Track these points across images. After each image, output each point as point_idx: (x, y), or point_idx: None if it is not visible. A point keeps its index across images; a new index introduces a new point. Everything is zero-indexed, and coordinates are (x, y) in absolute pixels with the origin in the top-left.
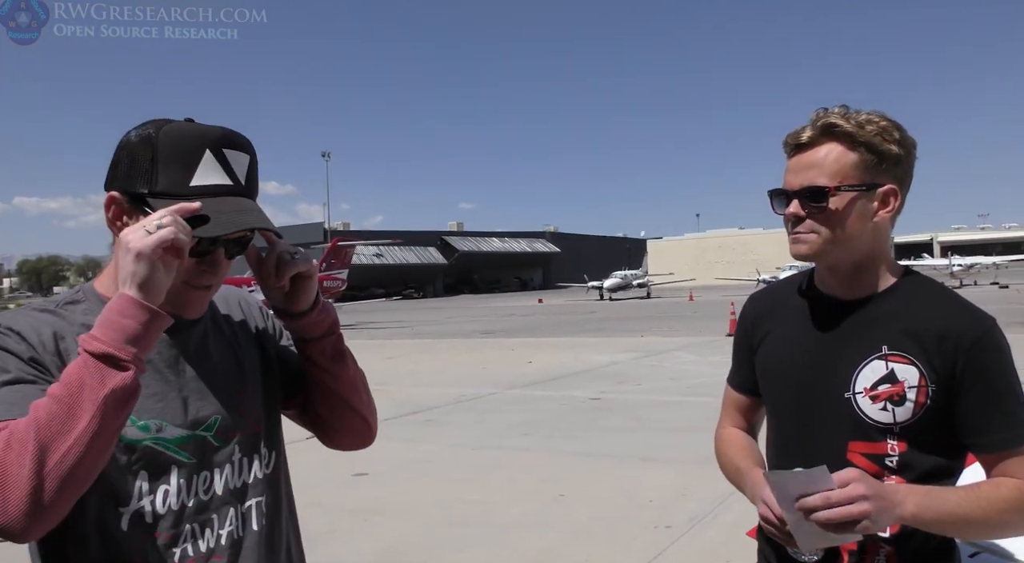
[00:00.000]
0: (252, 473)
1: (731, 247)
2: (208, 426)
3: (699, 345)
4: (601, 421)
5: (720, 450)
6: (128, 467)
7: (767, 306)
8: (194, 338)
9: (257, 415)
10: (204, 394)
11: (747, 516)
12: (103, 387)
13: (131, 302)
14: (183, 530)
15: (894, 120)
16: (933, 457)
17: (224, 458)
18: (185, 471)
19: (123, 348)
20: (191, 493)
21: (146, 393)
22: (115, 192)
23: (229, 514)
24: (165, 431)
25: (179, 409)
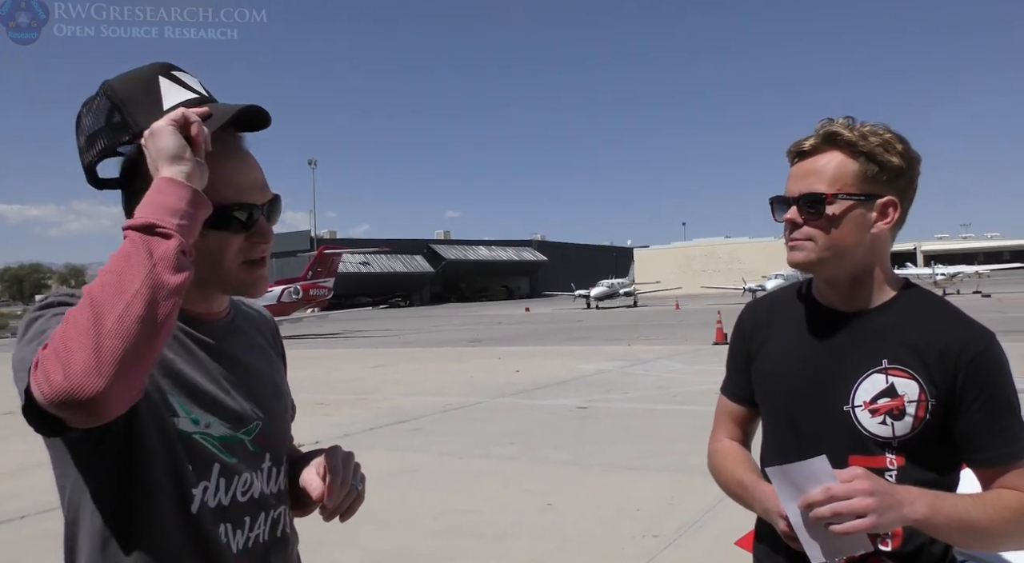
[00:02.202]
0: (278, 483)
1: (717, 256)
2: (248, 430)
3: (686, 354)
4: (588, 430)
5: (718, 463)
6: (178, 457)
7: (765, 315)
8: (239, 346)
9: (286, 430)
10: (248, 401)
11: (735, 525)
12: (151, 255)
13: (167, 181)
14: (219, 528)
15: (898, 133)
16: (931, 472)
17: (258, 464)
18: (226, 470)
19: (165, 219)
20: (229, 492)
21: (198, 389)
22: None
23: (260, 518)
24: (212, 428)
25: (226, 409)
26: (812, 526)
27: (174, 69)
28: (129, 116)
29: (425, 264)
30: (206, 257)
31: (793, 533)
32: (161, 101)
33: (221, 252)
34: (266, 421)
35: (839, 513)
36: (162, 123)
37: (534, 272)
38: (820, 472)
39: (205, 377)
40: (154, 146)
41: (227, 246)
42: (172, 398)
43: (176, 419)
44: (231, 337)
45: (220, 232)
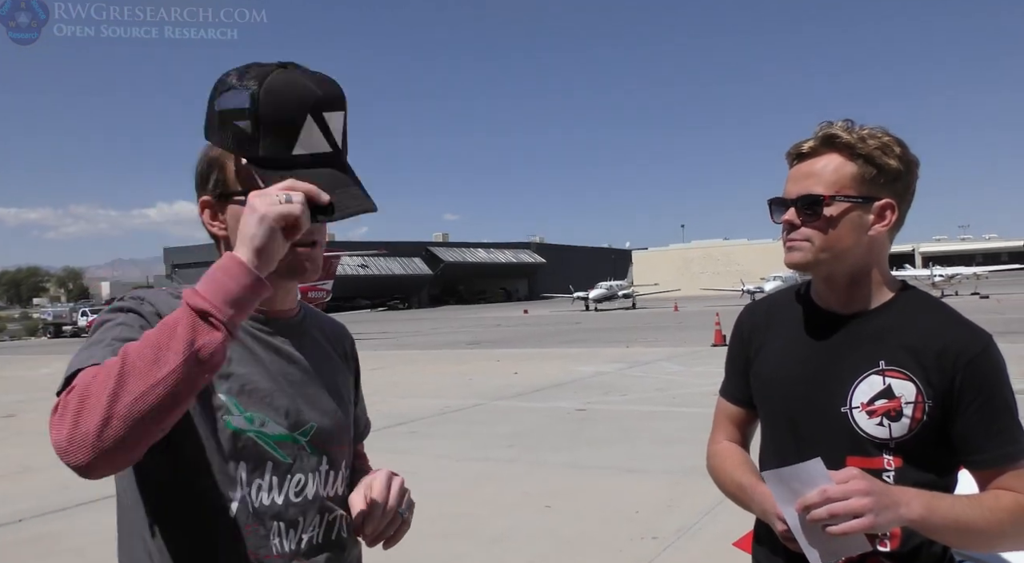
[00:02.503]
0: (335, 487)
1: (716, 258)
2: (304, 432)
3: (684, 356)
4: (587, 432)
5: (717, 465)
6: (231, 455)
7: (764, 317)
8: (304, 348)
9: (347, 435)
10: (306, 401)
11: (733, 527)
12: (193, 342)
13: (240, 265)
14: (271, 526)
15: (897, 136)
16: (928, 473)
17: (314, 466)
18: (280, 470)
19: (221, 308)
20: (282, 492)
21: (254, 387)
22: (207, 196)
23: (315, 520)
24: (267, 427)
25: (282, 409)
26: (809, 528)
27: (327, 108)
28: (258, 139)
29: (423, 266)
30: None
31: (791, 535)
32: (295, 141)
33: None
34: (323, 424)
35: (836, 514)
36: (274, 210)
37: (532, 274)
38: (816, 474)
39: (263, 375)
40: (252, 218)
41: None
42: (227, 396)
43: (230, 417)
44: (296, 338)
45: None
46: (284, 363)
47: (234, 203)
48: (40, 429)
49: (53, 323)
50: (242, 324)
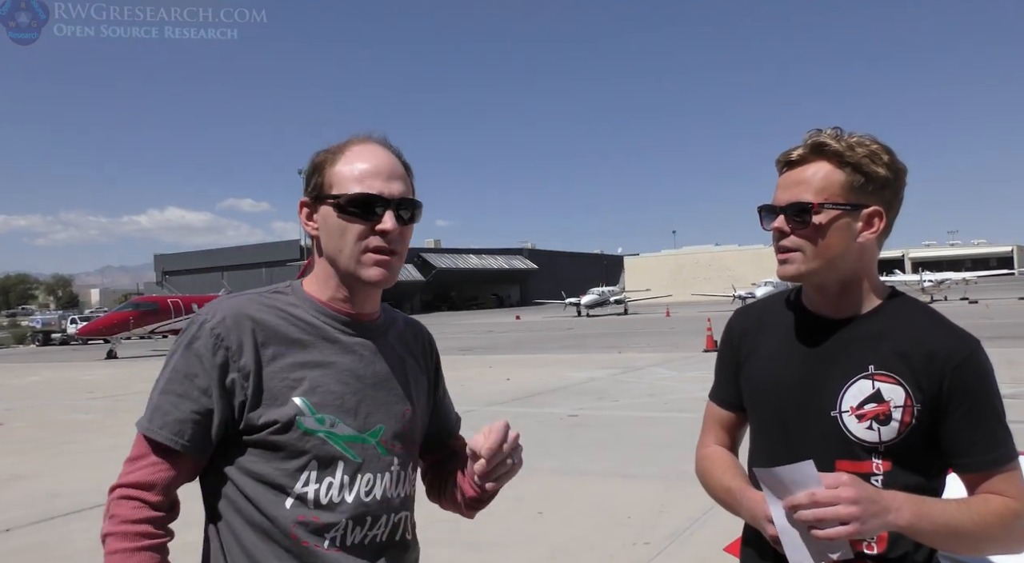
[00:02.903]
0: (405, 488)
1: (707, 263)
2: (374, 433)
3: (676, 361)
4: (579, 438)
5: (705, 469)
6: (302, 453)
7: (754, 322)
8: (380, 350)
9: (417, 436)
10: (378, 403)
11: (725, 532)
12: None
13: None
14: (339, 522)
15: (885, 144)
16: (917, 477)
17: (384, 466)
18: (351, 469)
19: None
20: (352, 490)
21: (327, 389)
22: (305, 197)
23: (382, 519)
24: (337, 427)
25: (353, 410)
26: (794, 529)
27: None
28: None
29: (416, 273)
30: (335, 243)
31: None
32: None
33: (345, 239)
34: (393, 425)
35: (822, 519)
36: None
37: (524, 280)
38: (807, 476)
39: (337, 378)
40: None
41: (346, 233)
42: (301, 398)
43: (302, 418)
44: (375, 340)
45: (341, 220)
46: (360, 365)
47: (326, 205)
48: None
49: (42, 331)
50: (325, 325)
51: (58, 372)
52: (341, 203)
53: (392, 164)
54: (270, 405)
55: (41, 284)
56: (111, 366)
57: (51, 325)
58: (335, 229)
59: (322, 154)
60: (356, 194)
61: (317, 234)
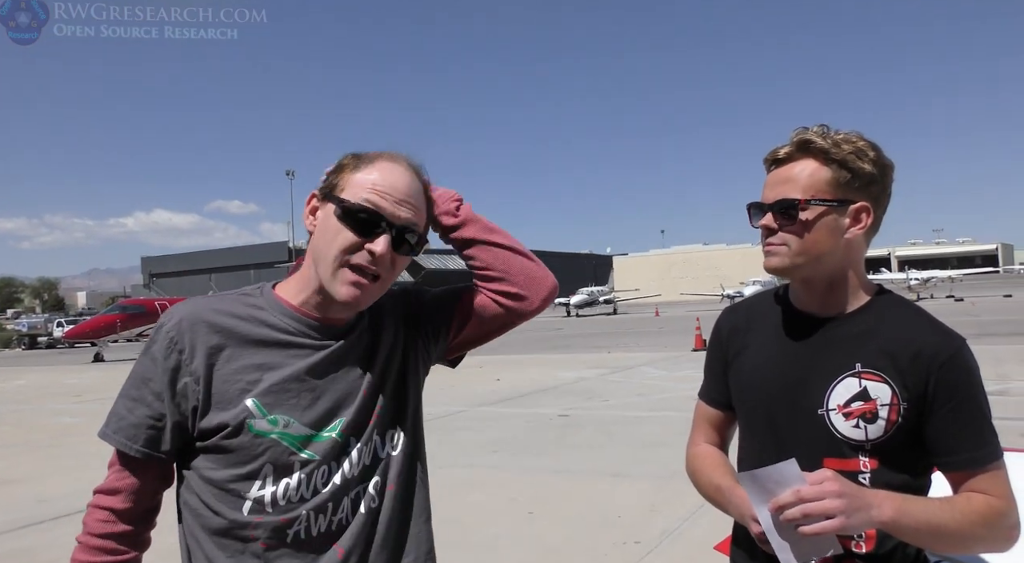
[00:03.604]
0: (370, 456)
1: (695, 263)
2: (332, 428)
3: (665, 360)
4: (570, 438)
5: (695, 467)
6: (256, 457)
7: (743, 320)
8: (345, 349)
9: (390, 407)
10: (335, 400)
11: (715, 530)
12: None
13: None
14: (299, 515)
15: (872, 141)
16: (903, 475)
17: (343, 452)
18: (307, 468)
19: None
20: (310, 486)
21: (283, 389)
22: (315, 190)
23: (343, 502)
24: (291, 427)
25: (308, 409)
26: (782, 528)
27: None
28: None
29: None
30: (323, 243)
31: (766, 537)
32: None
33: (331, 241)
34: (354, 417)
35: (809, 514)
36: None
37: None
38: (790, 475)
39: (292, 378)
40: None
41: (337, 238)
42: (252, 399)
43: (253, 421)
44: (343, 344)
45: (339, 224)
46: (316, 361)
47: (331, 204)
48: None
49: (28, 334)
50: (288, 328)
51: (45, 376)
52: (345, 207)
53: (410, 189)
54: (220, 409)
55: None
56: (98, 369)
57: (37, 328)
58: (330, 231)
59: (350, 157)
60: (361, 204)
61: (313, 230)
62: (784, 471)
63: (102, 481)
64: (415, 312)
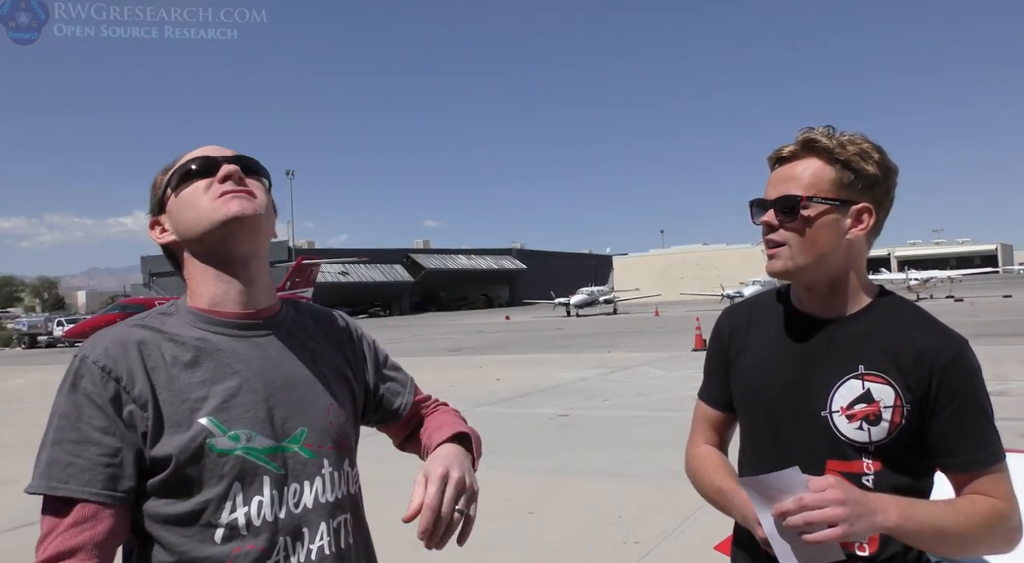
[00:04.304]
0: (341, 489)
1: (695, 263)
2: (294, 438)
3: (666, 360)
4: (569, 438)
5: (696, 469)
6: (223, 477)
7: (744, 321)
8: (284, 349)
9: (345, 431)
10: (290, 405)
11: (715, 530)
12: None
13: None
14: (277, 542)
15: (876, 143)
16: (907, 477)
17: (314, 471)
18: (276, 482)
19: None
20: (282, 505)
21: (235, 402)
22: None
23: (320, 528)
24: (255, 441)
25: (266, 419)
26: (785, 535)
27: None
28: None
29: (404, 273)
30: (189, 212)
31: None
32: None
33: (195, 200)
34: (315, 425)
35: (811, 522)
36: None
37: (514, 280)
38: (793, 481)
39: (244, 387)
40: None
41: (196, 193)
42: (208, 418)
43: (213, 440)
44: (278, 337)
45: (185, 187)
46: (266, 368)
47: (170, 198)
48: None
49: (28, 333)
50: (214, 334)
51: (44, 375)
52: (179, 176)
53: (223, 148)
54: (174, 433)
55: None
56: None
57: (37, 328)
58: (184, 203)
59: (158, 175)
60: (190, 160)
61: (174, 237)
62: (787, 478)
63: (41, 551)
64: (360, 346)
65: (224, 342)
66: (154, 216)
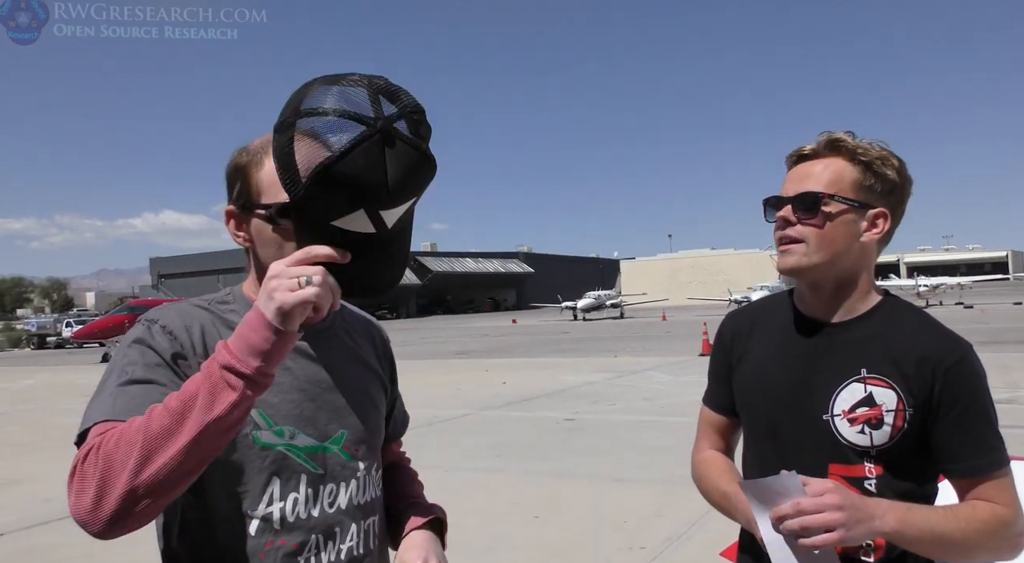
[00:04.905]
0: (372, 492)
1: (703, 267)
2: (335, 440)
3: (672, 365)
4: (575, 442)
5: (701, 474)
6: (262, 470)
7: (746, 325)
8: (332, 351)
9: (378, 436)
10: (336, 408)
11: (721, 536)
12: (211, 408)
13: (266, 324)
14: (309, 540)
15: (896, 153)
16: (909, 482)
17: (350, 473)
18: (314, 481)
19: (245, 361)
20: (317, 503)
21: (284, 399)
22: (231, 207)
23: (351, 529)
24: (297, 439)
25: (311, 419)
26: (782, 539)
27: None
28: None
29: (412, 276)
30: (266, 251)
31: None
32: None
33: (280, 254)
34: (354, 430)
35: (808, 527)
36: (289, 299)
37: (521, 284)
38: (791, 486)
39: (292, 385)
40: (280, 296)
41: (284, 249)
42: (255, 410)
43: (258, 432)
44: (326, 342)
45: (275, 235)
46: (312, 369)
47: (256, 217)
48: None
49: (37, 334)
50: None
51: (53, 375)
52: (273, 215)
53: None
54: None
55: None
56: None
57: (46, 328)
58: (271, 243)
59: (243, 154)
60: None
61: (250, 245)
62: (785, 482)
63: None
64: (389, 366)
65: None
66: (232, 207)
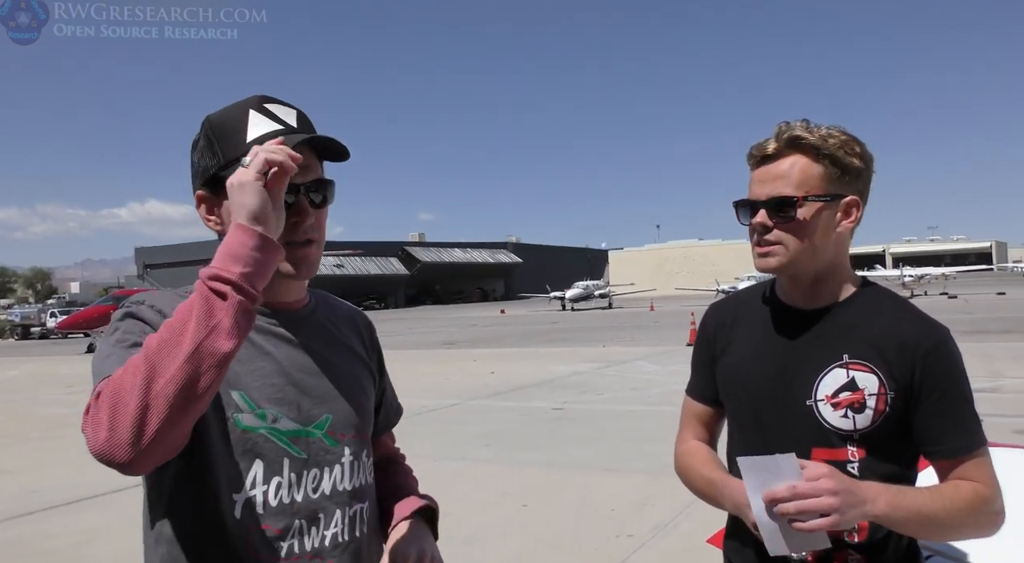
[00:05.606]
0: (360, 478)
1: (691, 258)
2: (319, 424)
3: (660, 355)
4: (563, 431)
5: (685, 464)
6: (244, 453)
7: (728, 315)
8: (314, 338)
9: (366, 422)
10: (318, 392)
11: (708, 524)
12: (209, 318)
13: (241, 229)
14: (292, 525)
15: (853, 135)
16: (891, 464)
17: (334, 458)
18: (296, 466)
19: (230, 269)
20: (301, 488)
21: (266, 383)
22: (200, 191)
23: (336, 515)
24: (280, 422)
25: (294, 403)
26: (774, 520)
27: (269, 102)
28: (216, 148)
29: (400, 266)
30: None
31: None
32: (245, 133)
33: None
34: (339, 414)
35: (804, 511)
36: (249, 176)
37: (509, 274)
38: (788, 468)
39: (274, 369)
40: (238, 199)
41: None
42: (238, 393)
43: (240, 415)
44: (307, 328)
45: None
46: (295, 355)
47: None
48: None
49: (21, 324)
50: None
51: (38, 366)
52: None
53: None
54: None
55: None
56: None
57: (30, 319)
58: None
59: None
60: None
61: (221, 229)
62: (782, 463)
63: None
64: (376, 354)
65: (258, 325)
66: (202, 191)
